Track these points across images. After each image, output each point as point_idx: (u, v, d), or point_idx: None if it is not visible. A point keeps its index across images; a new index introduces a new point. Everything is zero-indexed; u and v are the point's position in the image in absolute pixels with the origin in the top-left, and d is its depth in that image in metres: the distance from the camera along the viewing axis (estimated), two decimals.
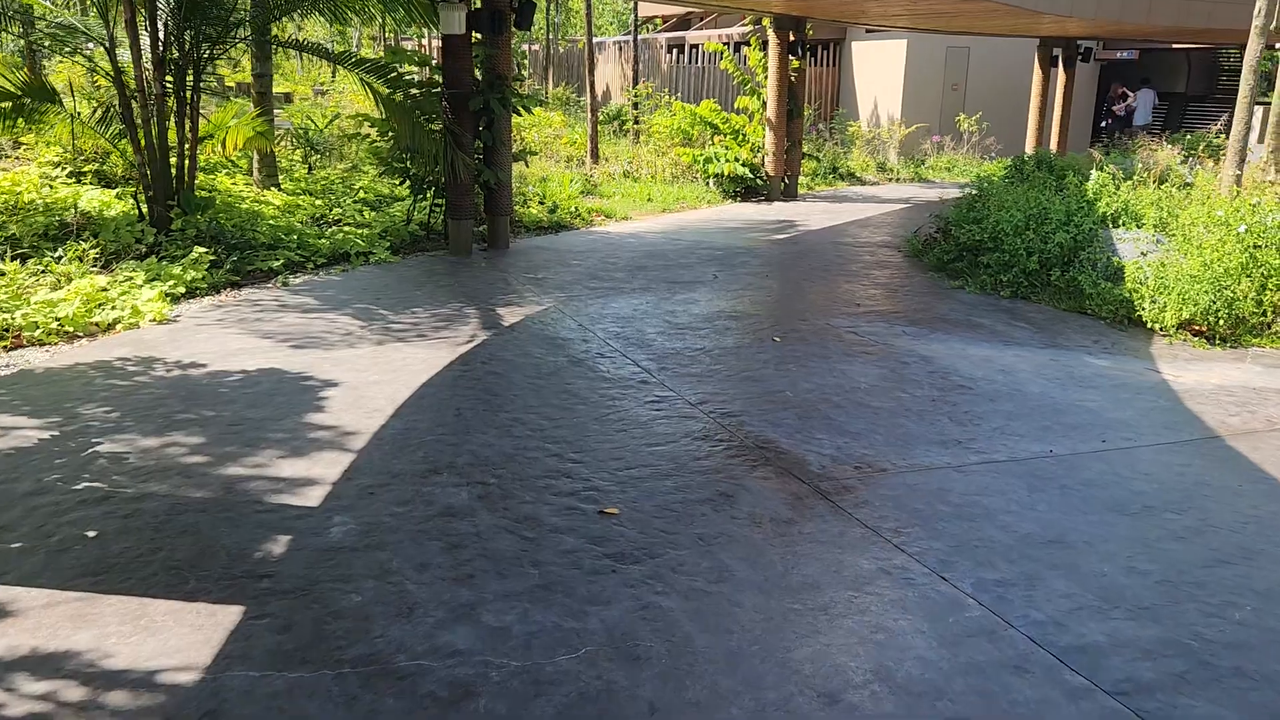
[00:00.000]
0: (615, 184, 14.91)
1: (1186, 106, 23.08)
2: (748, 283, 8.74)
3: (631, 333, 6.91)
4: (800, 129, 15.13)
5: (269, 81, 10.96)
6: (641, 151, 16.18)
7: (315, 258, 9.05)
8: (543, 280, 8.64)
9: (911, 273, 9.26)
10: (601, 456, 4.67)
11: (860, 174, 18.32)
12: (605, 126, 19.85)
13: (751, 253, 10.27)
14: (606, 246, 10.46)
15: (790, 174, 15.10)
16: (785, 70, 14.44)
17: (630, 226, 11.98)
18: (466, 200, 9.67)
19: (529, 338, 6.73)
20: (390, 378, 5.77)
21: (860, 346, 6.71)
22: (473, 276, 8.75)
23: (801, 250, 10.51)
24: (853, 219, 12.95)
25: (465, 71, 9.41)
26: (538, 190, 12.82)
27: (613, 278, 8.79)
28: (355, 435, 4.86)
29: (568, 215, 12.13)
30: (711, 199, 14.43)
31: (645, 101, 18.64)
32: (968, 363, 6.39)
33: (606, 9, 47.77)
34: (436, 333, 6.79)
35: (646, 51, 23.33)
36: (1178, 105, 22.72)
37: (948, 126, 20.46)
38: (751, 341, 6.80)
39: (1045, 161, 12.68)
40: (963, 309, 7.86)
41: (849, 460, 4.71)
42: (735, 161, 14.53)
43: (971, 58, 20.55)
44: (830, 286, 8.66)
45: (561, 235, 11.22)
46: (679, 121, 15.73)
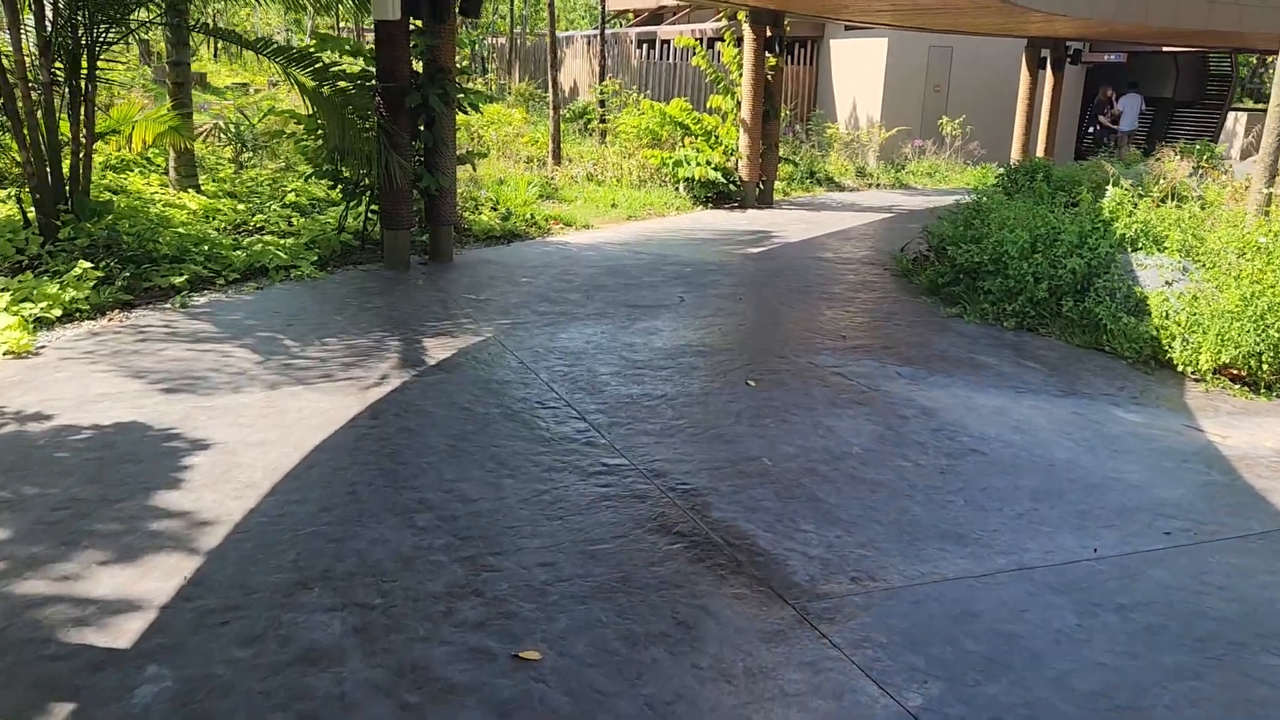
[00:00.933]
0: (578, 188, 13.84)
1: (1174, 112, 22.36)
2: (718, 307, 7.71)
3: (581, 373, 5.85)
4: (777, 131, 14.13)
5: (186, 70, 9.80)
6: (607, 153, 15.12)
7: (227, 272, 7.92)
8: (485, 302, 7.57)
9: (901, 297, 8.27)
10: (526, 561, 3.62)
11: (839, 179, 17.36)
12: (570, 125, 18.76)
13: (723, 270, 9.24)
14: (563, 260, 9.40)
15: (766, 179, 14.09)
16: (761, 68, 13.43)
17: (591, 236, 10.92)
18: (403, 208, 8.57)
19: (458, 380, 5.65)
20: (277, 436, 4.68)
21: (849, 394, 5.69)
22: (405, 297, 7.65)
23: (778, 267, 9.50)
24: (833, 230, 11.96)
25: (402, 63, 8.30)
26: (491, 194, 11.72)
27: (566, 300, 7.73)
28: (212, 526, 3.78)
29: (522, 223, 11.05)
30: (681, 205, 13.40)
31: (613, 99, 17.58)
32: (977, 417, 5.39)
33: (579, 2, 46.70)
34: (347, 371, 5.70)
35: (616, 47, 22.27)
36: (1164, 111, 21.96)
37: (929, 130, 19.55)
38: (722, 386, 5.77)
39: (1041, 171, 11.75)
40: (963, 344, 6.87)
41: (844, 566, 3.68)
42: (707, 165, 13.50)
43: (955, 58, 19.66)
44: (811, 313, 7.65)
45: (514, 246, 10.13)
46: (647, 121, 14.69)
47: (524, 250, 9.90)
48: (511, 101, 20.19)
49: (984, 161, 19.13)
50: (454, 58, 8.73)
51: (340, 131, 8.16)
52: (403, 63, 8.30)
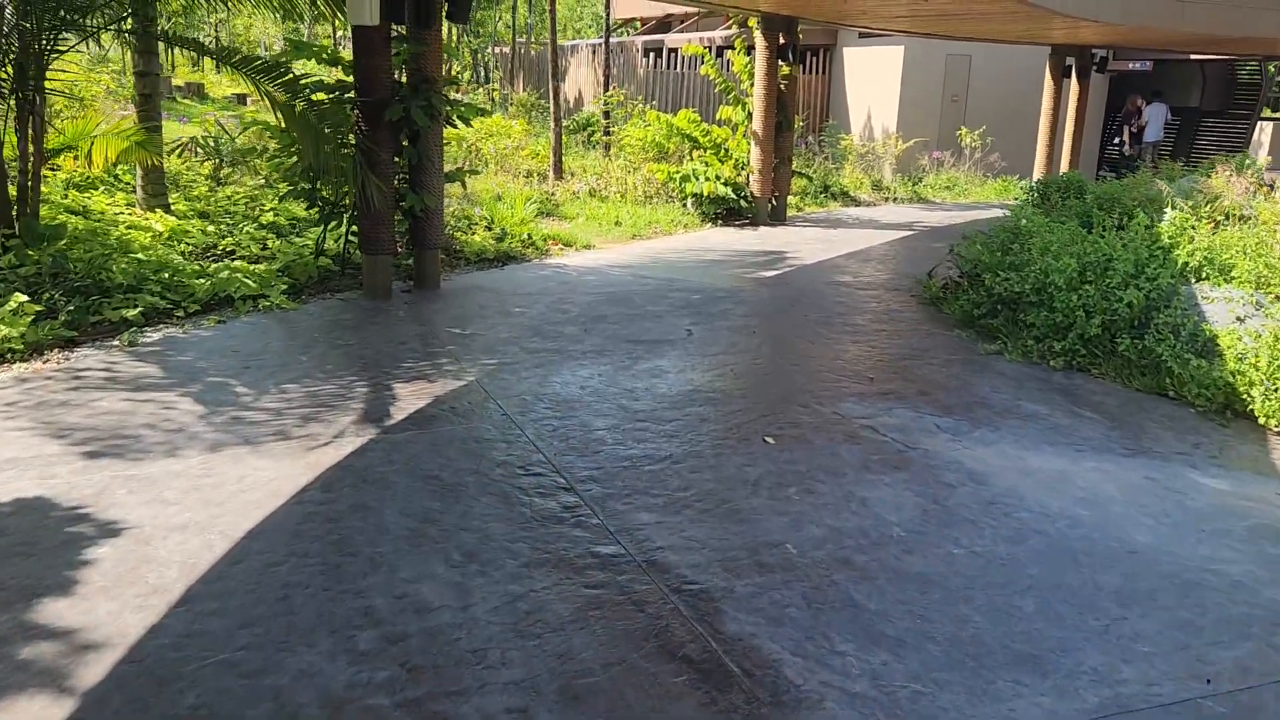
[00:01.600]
0: (579, 204, 13.09)
1: (1200, 122, 21.53)
2: (729, 342, 6.93)
3: (574, 428, 5.08)
4: (790, 143, 13.37)
5: (155, 82, 9.07)
6: (611, 166, 14.37)
7: (188, 303, 7.18)
8: (471, 338, 6.81)
9: (932, 329, 7.48)
10: (491, 707, 2.84)
11: (854, 193, 16.59)
12: (574, 137, 18.05)
13: (734, 297, 8.47)
14: (561, 286, 8.63)
15: (778, 194, 13.33)
16: (774, 77, 12.68)
17: (593, 258, 10.16)
18: (383, 232, 7.82)
19: (430, 438, 4.89)
20: (206, 518, 3.92)
21: (883, 454, 4.91)
22: (383, 331, 6.89)
23: (794, 294, 8.72)
24: (851, 250, 11.18)
25: (382, 73, 7.57)
26: (486, 213, 10.98)
27: (561, 334, 6.96)
28: (99, 652, 3.01)
29: (519, 244, 10.30)
30: (689, 223, 12.63)
31: (617, 110, 16.85)
32: (1034, 484, 4.60)
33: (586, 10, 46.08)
34: (304, 427, 4.94)
35: (621, 55, 21.57)
36: (1190, 121, 21.11)
37: (947, 141, 18.78)
38: (735, 443, 4.99)
39: (1075, 186, 10.96)
40: (1007, 388, 6.08)
41: (897, 710, 2.90)
42: (716, 180, 12.74)
43: (974, 67, 18.89)
44: (833, 349, 6.87)
45: (509, 270, 9.38)
46: (653, 133, 13.94)
47: (519, 274, 9.14)
48: (513, 112, 19.48)
49: (1004, 174, 18.36)
50: (441, 67, 7.99)
51: (314, 148, 7.41)
52: (383, 73, 7.56)
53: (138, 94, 9.01)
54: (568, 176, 14.82)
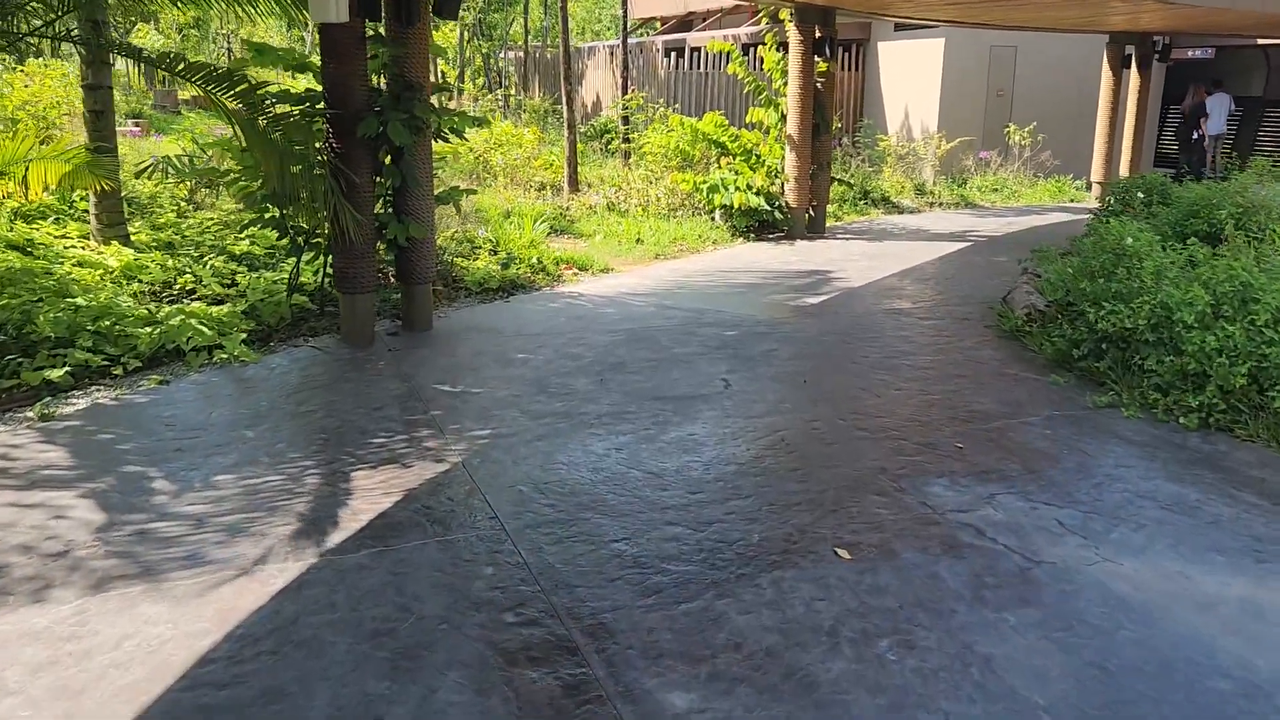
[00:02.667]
0: (596, 220, 11.87)
1: (1264, 113, 20.02)
2: (777, 398, 5.68)
3: (583, 538, 3.86)
4: (828, 148, 12.10)
5: (107, 96, 7.95)
6: (631, 176, 13.15)
7: (128, 358, 6.03)
8: (462, 398, 5.60)
9: (1021, 373, 6.19)
10: None
11: (895, 198, 15.27)
12: (591, 145, 16.86)
13: (777, 332, 7.21)
14: (573, 323, 7.42)
15: (816, 204, 12.05)
16: (810, 75, 11.41)
17: (611, 284, 8.94)
18: (363, 266, 6.64)
19: (392, 563, 3.68)
20: (50, 717, 2.73)
21: (998, 574, 3.64)
22: (356, 392, 5.70)
23: (847, 326, 7.45)
24: (903, 267, 9.89)
25: (355, 80, 6.38)
26: (491, 235, 9.78)
27: (572, 390, 5.74)
28: None
29: (528, 270, 9.10)
30: (718, 238, 11.39)
31: (637, 114, 15.63)
32: (1219, 624, 3.32)
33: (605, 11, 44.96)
34: (227, 545, 3.75)
35: (641, 56, 20.36)
36: (1253, 111, 19.58)
37: (992, 139, 17.41)
38: (798, 556, 3.75)
39: (1159, 191, 9.62)
40: (1136, 458, 4.79)
41: None
42: (747, 190, 11.48)
43: (1019, 59, 17.51)
44: (904, 404, 5.60)
45: (515, 302, 8.17)
46: (676, 139, 12.70)
47: (526, 308, 7.93)
48: (526, 119, 18.31)
49: (1056, 174, 16.99)
50: (427, 71, 6.79)
51: (279, 170, 6.23)
52: (356, 80, 6.38)
53: (87, 110, 7.89)
54: (584, 188, 13.62)
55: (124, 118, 21.76)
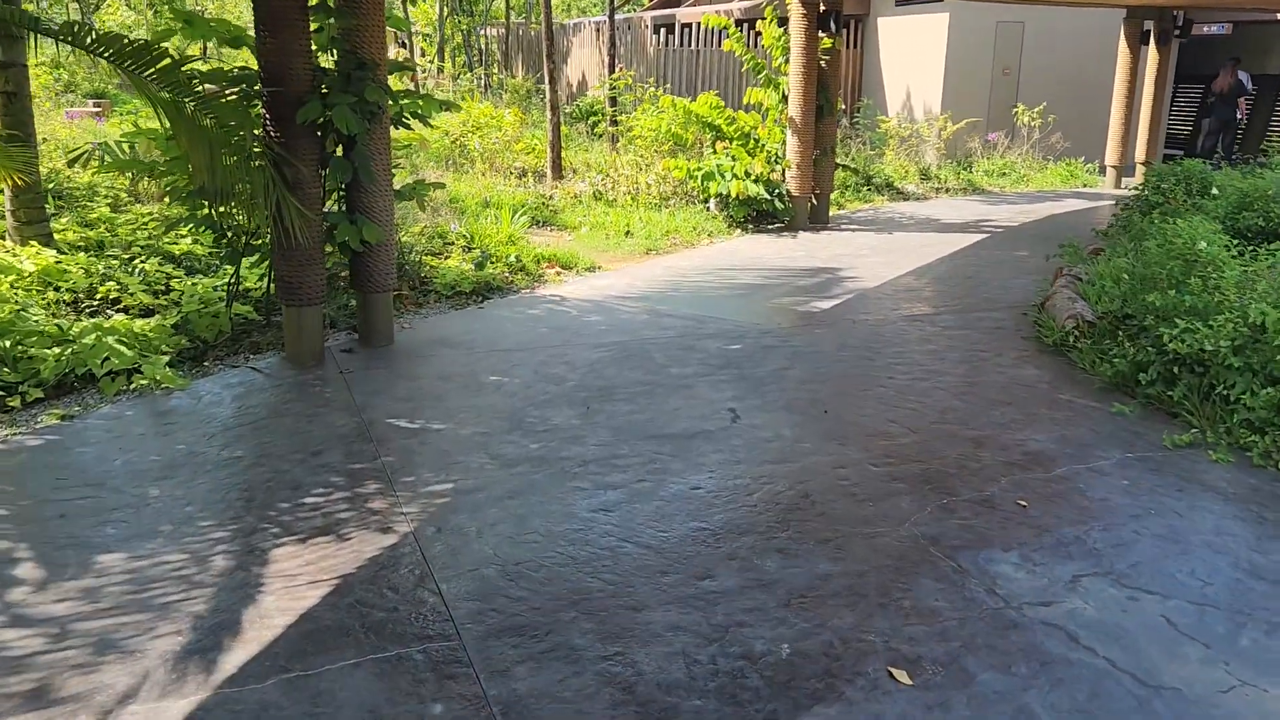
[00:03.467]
0: (583, 210, 10.94)
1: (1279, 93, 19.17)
2: (794, 433, 4.80)
3: (559, 654, 2.97)
4: (832, 131, 11.17)
5: (21, 75, 6.96)
6: (620, 161, 12.19)
7: (29, 387, 5.10)
8: (421, 438, 4.70)
9: (1076, 399, 5.32)
10: None
11: (899, 184, 14.37)
12: (577, 126, 15.88)
13: (787, 345, 6.32)
14: (555, 335, 6.51)
15: (820, 192, 11.14)
16: (814, 52, 10.48)
17: (598, 286, 8.02)
18: (310, 274, 5.70)
19: (306, 701, 2.78)
20: None
21: (1109, 709, 2.77)
22: (296, 430, 4.78)
23: (865, 338, 6.56)
24: (919, 263, 9.00)
25: (296, 56, 5.42)
26: (464, 230, 8.84)
27: (551, 426, 4.85)
28: None
29: (505, 269, 8.18)
30: (714, 229, 10.47)
31: (625, 95, 14.64)
32: None
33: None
34: (88, 673, 2.84)
35: (629, 33, 19.34)
36: (1269, 90, 18.71)
37: (999, 121, 16.51)
38: (838, 674, 2.87)
39: (1198, 180, 8.74)
40: (1240, 522, 3.93)
41: None
42: (746, 178, 10.56)
43: (1026, 35, 16.58)
44: (943, 442, 4.72)
45: (491, 308, 7.26)
46: (667, 122, 11.75)
47: (502, 316, 7.02)
48: (507, 100, 17.29)
49: (1066, 157, 16.11)
50: (384, 46, 5.84)
51: (208, 162, 5.27)
52: (297, 55, 5.42)
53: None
54: (568, 175, 12.67)
55: (84, 97, 20.68)
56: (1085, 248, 8.61)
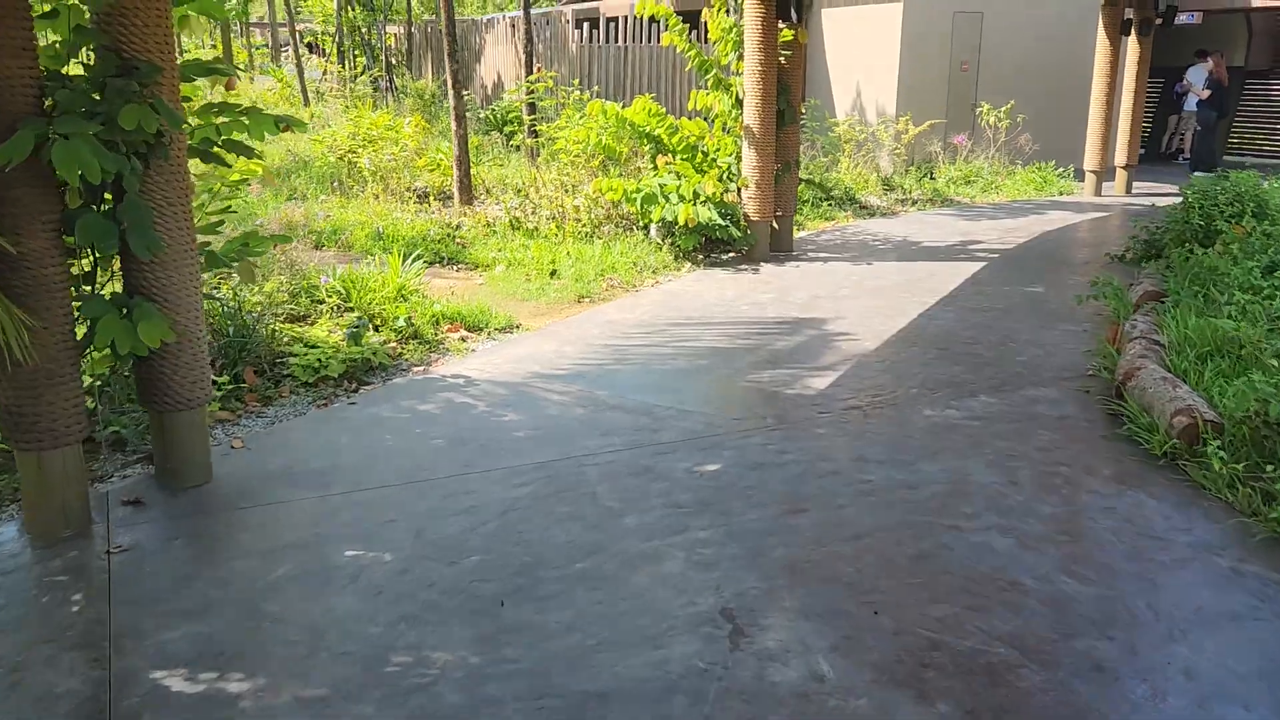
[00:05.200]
0: (497, 242, 8.97)
1: (1243, 85, 18.02)
2: (835, 666, 2.92)
3: None
4: (795, 141, 9.38)
5: None
6: (541, 178, 10.21)
7: None
8: (206, 706, 2.70)
9: (1250, 567, 3.53)
10: None
11: (860, 195, 12.67)
12: (493, 135, 13.85)
13: (781, 458, 4.45)
14: (451, 454, 4.55)
15: (782, 214, 9.33)
16: (773, 45, 8.66)
17: (516, 357, 6.06)
18: (51, 401, 3.63)
19: None
20: None
21: None
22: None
23: (887, 443, 4.73)
24: (917, 306, 7.24)
25: (4, 57, 3.36)
26: (337, 282, 6.78)
27: (429, 674, 2.89)
28: None
29: (393, 336, 6.19)
30: (659, 263, 8.59)
31: (545, 98, 12.64)
32: None
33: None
34: None
35: (547, 29, 17.35)
36: (1234, 82, 17.47)
37: (957, 121, 14.95)
38: None
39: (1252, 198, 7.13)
40: None
41: None
42: (695, 201, 8.70)
43: (986, 26, 15.04)
44: (1083, 676, 2.89)
45: (366, 401, 5.26)
46: (595, 133, 9.81)
47: (380, 419, 5.02)
48: (410, 106, 15.16)
49: (1036, 160, 14.59)
50: (170, 43, 3.80)
51: None
52: (8, 56, 3.36)
53: None
54: (481, 196, 10.68)
55: None
56: (1126, 287, 6.94)
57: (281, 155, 12.02)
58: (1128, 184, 13.51)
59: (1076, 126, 15.39)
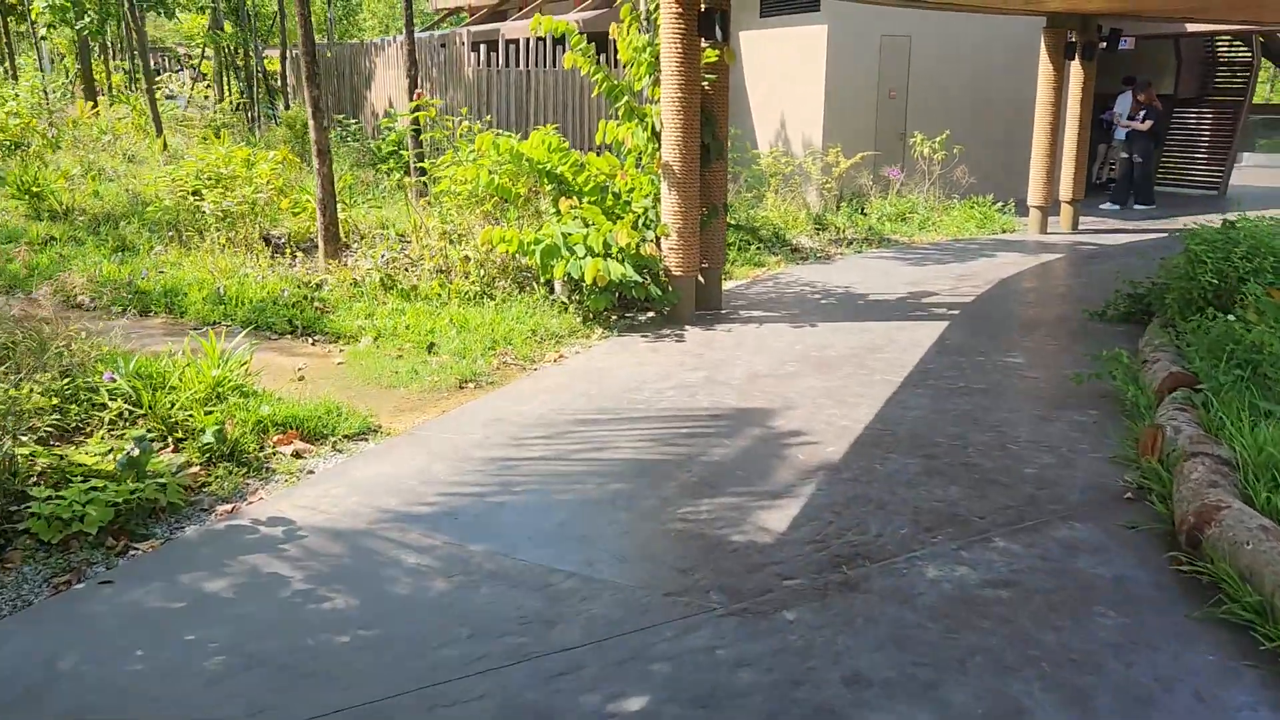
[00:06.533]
0: (367, 305, 7.34)
1: (1171, 113, 17.39)
2: None
3: None
4: (723, 181, 7.97)
5: None
6: (427, 222, 8.59)
7: None
8: None
9: None
10: None
11: (789, 235, 11.37)
12: (365, 171, 12.18)
13: (734, 686, 2.96)
14: (223, 684, 2.94)
15: (710, 265, 7.91)
16: (695, 67, 7.26)
17: (362, 485, 4.45)
18: None
19: None
20: None
21: None
22: None
23: (868, 615, 3.30)
24: (882, 388, 5.86)
25: None
26: (126, 381, 5.05)
27: None
28: None
29: (197, 456, 4.53)
30: (564, 328, 7.07)
31: (433, 130, 11.02)
32: None
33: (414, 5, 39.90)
34: None
35: (442, 52, 15.75)
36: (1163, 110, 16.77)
37: (888, 154, 13.82)
38: None
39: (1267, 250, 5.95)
40: None
41: None
42: (605, 255, 7.22)
43: (914, 51, 13.98)
44: None
45: (127, 579, 3.60)
46: (485, 171, 8.23)
47: (136, 614, 3.37)
48: (280, 136, 13.36)
49: (974, 194, 13.52)
50: None
51: None
52: None
53: None
54: (353, 242, 9.02)
55: None
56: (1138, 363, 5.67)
57: (116, 196, 10.18)
58: (1074, 220, 12.51)
59: (1014, 158, 14.43)
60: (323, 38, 27.91)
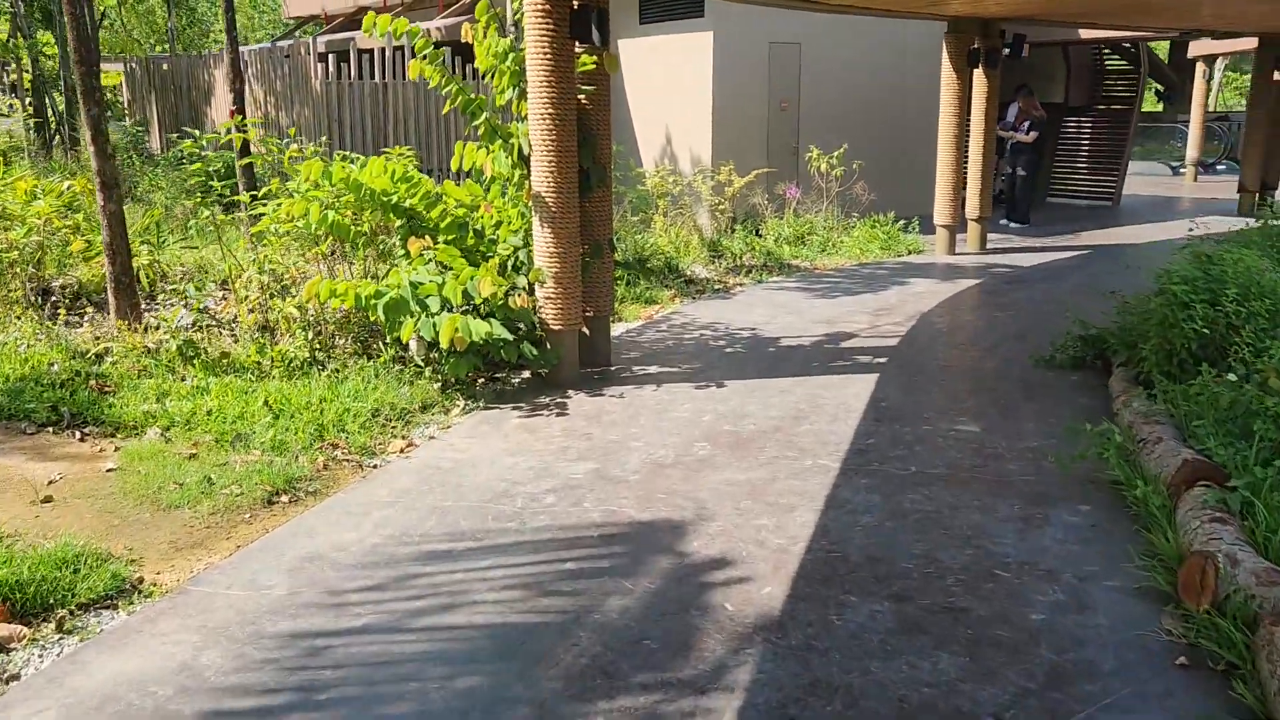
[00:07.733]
0: (159, 381, 5.74)
1: (1061, 123, 17.00)
2: None
3: None
4: (608, 212, 6.64)
5: None
6: (251, 270, 6.98)
7: None
8: None
9: None
10: None
11: (682, 264, 10.16)
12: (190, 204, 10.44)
13: None
14: None
15: (596, 313, 6.58)
16: (569, 75, 5.92)
17: (85, 698, 2.94)
18: None
19: None
20: None
21: None
22: None
23: None
24: (804, 468, 4.63)
25: None
26: None
27: None
28: None
29: None
30: (415, 402, 5.63)
31: (268, 150, 9.35)
32: None
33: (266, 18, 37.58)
34: None
35: (286, 63, 14.01)
36: (1052, 119, 16.31)
37: (782, 171, 12.79)
38: None
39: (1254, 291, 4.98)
40: None
41: None
42: (467, 308, 5.81)
43: (805, 59, 13.00)
44: None
45: None
46: (316, 208, 6.66)
47: None
48: (84, 161, 11.41)
49: (874, 212, 12.58)
50: None
51: None
52: None
53: None
54: (161, 292, 7.36)
55: None
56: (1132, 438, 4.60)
57: None
58: (982, 239, 11.68)
59: (914, 172, 13.62)
60: (164, 49, 25.54)
